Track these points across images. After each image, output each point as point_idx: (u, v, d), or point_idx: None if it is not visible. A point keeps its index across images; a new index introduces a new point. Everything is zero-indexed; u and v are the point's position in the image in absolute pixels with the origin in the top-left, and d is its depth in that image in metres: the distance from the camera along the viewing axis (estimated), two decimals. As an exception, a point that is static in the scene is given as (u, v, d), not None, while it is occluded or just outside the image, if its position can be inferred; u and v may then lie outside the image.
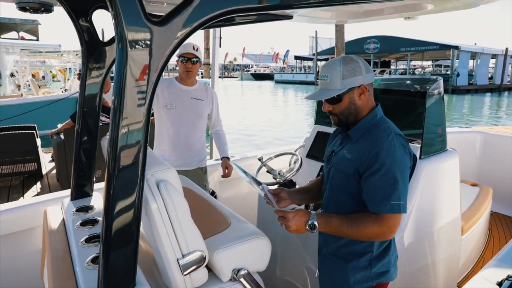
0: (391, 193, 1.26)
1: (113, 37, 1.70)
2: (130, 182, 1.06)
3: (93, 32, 1.71)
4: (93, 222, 1.62)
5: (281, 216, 1.33)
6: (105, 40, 1.76)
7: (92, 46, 1.72)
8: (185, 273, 1.25)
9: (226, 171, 2.79)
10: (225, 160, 2.83)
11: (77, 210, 1.75)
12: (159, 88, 2.48)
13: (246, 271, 1.39)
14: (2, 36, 12.03)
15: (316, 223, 1.29)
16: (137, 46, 0.99)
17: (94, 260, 1.30)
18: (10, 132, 5.86)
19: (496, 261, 1.58)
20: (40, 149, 6.09)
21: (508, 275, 1.39)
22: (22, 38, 11.56)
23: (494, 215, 3.83)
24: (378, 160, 1.27)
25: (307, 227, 1.30)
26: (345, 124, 1.43)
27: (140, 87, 1.03)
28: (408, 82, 2.51)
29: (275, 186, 2.30)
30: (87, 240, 1.45)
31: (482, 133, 4.18)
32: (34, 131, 6.04)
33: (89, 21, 1.69)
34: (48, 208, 1.88)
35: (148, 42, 1.00)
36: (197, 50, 2.56)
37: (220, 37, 4.67)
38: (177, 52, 2.51)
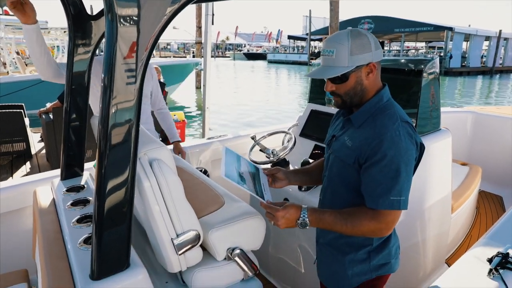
0: (392, 187, 1.14)
1: (102, 11, 1.63)
2: (122, 160, 1.03)
3: (80, 5, 1.62)
4: (84, 202, 1.59)
5: (269, 212, 1.24)
6: (93, 14, 1.68)
7: (79, 20, 1.64)
8: (179, 252, 1.25)
9: (180, 155, 2.60)
10: (177, 144, 2.64)
11: (68, 190, 1.72)
12: (94, 71, 1.93)
13: (240, 250, 1.39)
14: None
15: (307, 220, 1.22)
16: (127, 19, 0.94)
17: (86, 241, 1.28)
18: (-4, 111, 5.72)
19: (486, 239, 1.60)
20: (28, 129, 5.98)
21: (498, 252, 1.41)
22: (6, 13, 11.11)
23: (482, 193, 3.91)
24: (381, 150, 1.14)
25: (298, 225, 1.23)
26: (349, 106, 1.29)
27: (131, 63, 0.98)
28: (404, 61, 2.49)
29: (269, 165, 2.30)
30: (79, 220, 1.43)
31: (473, 113, 4.20)
32: (22, 110, 5.91)
33: None
34: (37, 188, 1.85)
35: (139, 15, 0.95)
36: None
37: (213, 14, 4.55)
38: None
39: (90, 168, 1.99)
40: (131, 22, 0.94)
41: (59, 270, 1.16)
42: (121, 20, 0.93)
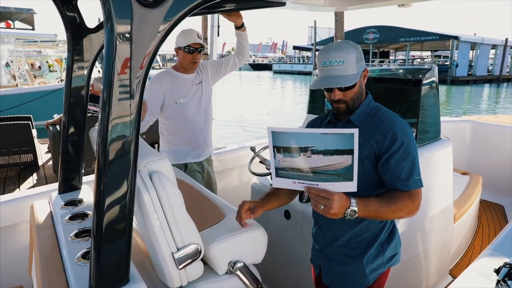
0: (413, 169, 1.29)
1: (101, 24, 1.64)
2: (121, 173, 1.02)
3: (79, 18, 1.63)
4: (82, 216, 1.58)
5: (323, 196, 1.14)
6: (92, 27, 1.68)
7: (78, 33, 1.65)
8: (180, 267, 1.22)
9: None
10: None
11: (66, 204, 1.70)
12: (160, 85, 2.39)
13: (242, 263, 1.36)
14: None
15: (356, 208, 1.18)
16: (127, 30, 0.94)
17: (84, 256, 1.26)
18: (5, 122, 5.80)
19: (491, 249, 1.56)
20: (36, 140, 6.04)
21: (505, 262, 1.37)
22: (7, 25, 11.29)
23: (483, 203, 3.86)
24: (397, 139, 1.28)
25: (348, 214, 1.17)
26: (352, 111, 1.38)
27: (132, 73, 0.98)
28: (403, 71, 2.50)
29: (269, 177, 2.28)
30: (77, 235, 1.41)
31: (471, 122, 4.20)
32: (30, 122, 5.98)
33: (75, 5, 1.61)
34: (35, 203, 1.83)
35: (139, 26, 0.95)
36: (200, 37, 2.41)
37: (218, 26, 4.59)
38: (179, 41, 2.38)
39: (87, 182, 1.97)
40: (129, 36, 0.94)
41: (56, 286, 1.14)
42: (120, 33, 0.92)
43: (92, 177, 2.31)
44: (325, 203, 1.14)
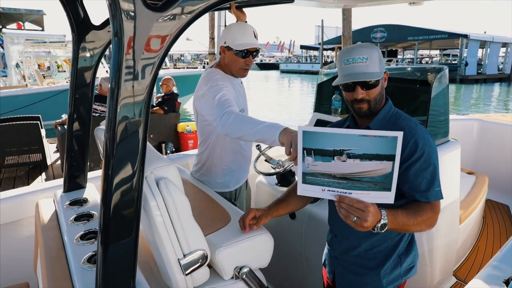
0: (434, 180, 1.24)
1: (106, 21, 1.62)
2: (128, 177, 1.00)
3: (84, 15, 1.62)
4: (87, 216, 1.57)
5: (358, 208, 1.04)
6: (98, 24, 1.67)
7: (83, 31, 1.63)
8: (186, 272, 1.21)
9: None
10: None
11: (71, 204, 1.69)
12: (230, 89, 1.83)
13: (248, 268, 1.34)
14: (7, 27, 12.04)
15: (386, 222, 1.10)
16: (135, 35, 0.92)
17: (90, 259, 1.26)
18: (14, 122, 5.87)
19: (499, 259, 1.53)
20: (44, 140, 6.11)
21: None
22: (19, 27, 11.45)
23: (488, 202, 3.81)
24: (418, 148, 1.24)
25: (378, 228, 1.10)
26: (373, 112, 1.33)
27: (139, 80, 0.96)
28: (414, 71, 2.49)
29: (274, 177, 2.26)
30: (82, 237, 1.41)
31: (479, 121, 4.13)
32: (39, 122, 6.04)
33: (80, 3, 1.61)
34: (40, 201, 1.82)
35: (148, 30, 0.93)
36: (257, 36, 1.94)
37: (225, 25, 4.59)
38: (231, 41, 1.89)
39: (91, 179, 1.96)
40: (140, 36, 0.91)
41: None
42: (129, 34, 0.90)
43: (96, 173, 2.30)
44: (359, 215, 1.04)
